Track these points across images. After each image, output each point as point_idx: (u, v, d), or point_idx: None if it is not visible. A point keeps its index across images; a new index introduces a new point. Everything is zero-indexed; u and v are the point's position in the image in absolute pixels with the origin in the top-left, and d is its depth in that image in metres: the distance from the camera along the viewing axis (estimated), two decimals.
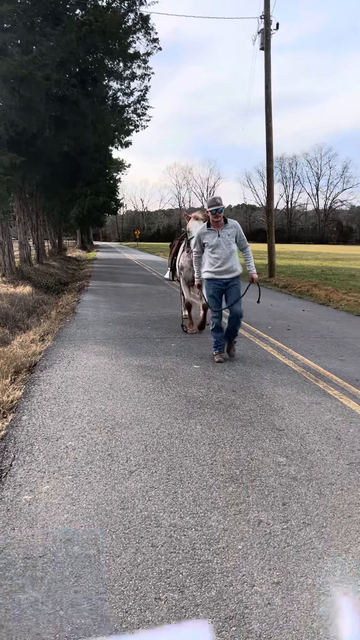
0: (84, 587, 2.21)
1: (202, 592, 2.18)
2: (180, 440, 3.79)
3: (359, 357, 6.57)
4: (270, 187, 18.81)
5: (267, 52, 16.95)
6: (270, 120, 17.38)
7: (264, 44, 16.79)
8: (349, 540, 2.58)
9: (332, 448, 3.71)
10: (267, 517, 2.77)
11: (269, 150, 17.80)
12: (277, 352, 6.77)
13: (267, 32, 16.70)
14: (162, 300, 11.98)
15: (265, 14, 16.66)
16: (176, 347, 6.90)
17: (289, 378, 5.56)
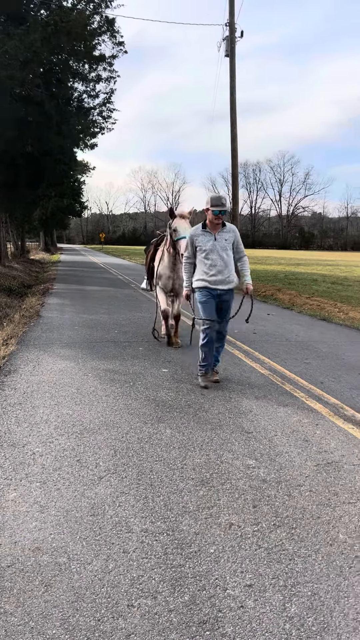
0: (54, 597, 2.16)
1: (176, 598, 2.17)
2: (150, 444, 3.77)
3: (323, 360, 6.70)
4: (235, 192, 19.02)
5: (232, 59, 17.16)
6: (235, 127, 17.59)
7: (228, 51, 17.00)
8: (318, 540, 2.62)
9: (299, 450, 3.76)
10: (238, 520, 2.79)
11: (234, 156, 18.00)
12: (245, 356, 6.83)
13: (232, 40, 16.91)
14: (129, 304, 11.92)
15: (230, 21, 16.88)
16: (144, 351, 6.88)
17: (257, 381, 5.62)
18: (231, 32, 16.92)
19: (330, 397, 5.09)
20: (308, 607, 2.13)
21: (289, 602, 2.16)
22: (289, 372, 6.02)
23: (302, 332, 8.75)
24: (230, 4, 17.01)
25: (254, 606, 2.13)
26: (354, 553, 2.52)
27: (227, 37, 17.12)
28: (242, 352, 7.02)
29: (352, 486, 3.22)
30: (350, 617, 2.08)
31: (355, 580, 2.31)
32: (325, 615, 2.09)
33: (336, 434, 4.11)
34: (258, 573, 2.35)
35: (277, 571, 2.36)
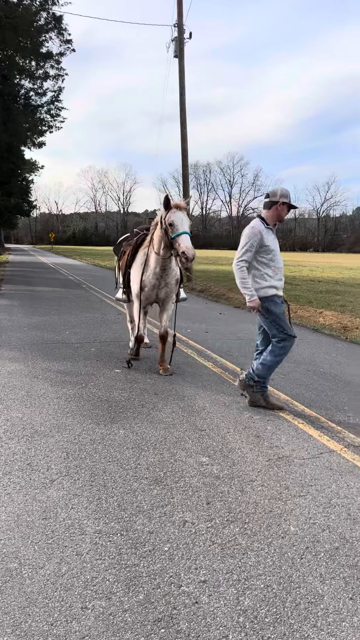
0: (5, 603, 2.11)
1: (130, 597, 2.16)
2: (103, 445, 3.73)
3: None
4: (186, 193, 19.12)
5: (181, 60, 17.25)
6: (185, 127, 17.68)
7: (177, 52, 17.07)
8: (270, 534, 2.67)
9: (251, 446, 3.82)
10: (192, 517, 2.80)
11: (184, 156, 18.10)
12: (197, 355, 6.88)
13: (180, 41, 17.01)
14: (80, 304, 11.77)
15: (179, 22, 16.97)
16: (96, 352, 6.80)
17: (209, 379, 5.67)
18: (180, 33, 17.01)
19: (281, 393, 5.20)
20: (261, 600, 2.17)
21: (242, 595, 2.19)
22: (239, 370, 6.10)
23: (252, 330, 8.86)
24: (179, 5, 17.10)
25: (208, 601, 2.15)
26: (305, 544, 2.59)
27: (176, 38, 17.20)
28: (195, 351, 7.07)
29: (302, 479, 3.30)
30: (302, 607, 2.13)
31: (306, 571, 2.37)
32: (277, 607, 2.13)
33: (286, 429, 4.20)
34: (212, 569, 2.37)
35: (231, 566, 2.39)
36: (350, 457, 3.68)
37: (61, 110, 19.53)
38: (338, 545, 2.59)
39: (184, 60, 17.57)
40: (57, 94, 18.85)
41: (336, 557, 2.49)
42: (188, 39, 17.59)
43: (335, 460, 3.61)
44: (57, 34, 18.58)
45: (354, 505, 2.99)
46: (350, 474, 3.41)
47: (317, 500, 3.04)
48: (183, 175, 18.94)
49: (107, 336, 7.95)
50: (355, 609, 2.13)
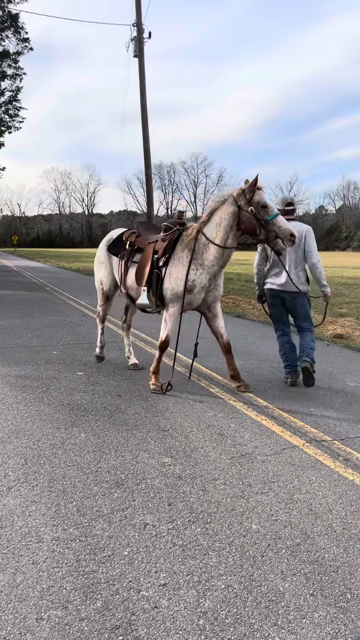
0: None
1: (87, 605, 2.09)
2: (63, 450, 3.64)
3: (238, 355, 6.81)
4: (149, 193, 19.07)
5: (140, 59, 17.18)
6: (147, 127, 17.62)
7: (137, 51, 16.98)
8: (232, 533, 2.64)
9: (215, 444, 3.79)
10: (153, 519, 2.75)
11: (146, 156, 18.03)
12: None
13: (140, 40, 16.93)
14: (42, 307, 11.56)
15: (138, 22, 16.90)
16: (58, 355, 6.68)
17: (174, 379, 5.61)
18: (139, 32, 16.94)
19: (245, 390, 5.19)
20: (222, 600, 2.13)
21: (203, 597, 2.15)
22: (204, 369, 6.09)
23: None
24: (137, 4, 17.03)
25: (168, 605, 2.10)
26: (266, 542, 2.57)
27: (135, 37, 17.11)
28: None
29: (264, 476, 3.29)
30: (263, 606, 2.11)
31: (267, 569, 2.35)
32: (238, 607, 2.10)
33: (250, 426, 4.20)
34: (172, 571, 2.32)
35: (192, 567, 2.35)
36: (313, 452, 3.70)
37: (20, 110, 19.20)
38: (299, 541, 2.58)
39: (143, 59, 17.50)
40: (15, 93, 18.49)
41: (297, 553, 2.48)
42: (148, 39, 17.54)
43: (298, 456, 3.62)
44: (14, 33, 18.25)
45: (315, 500, 2.99)
46: (312, 468, 3.42)
47: (279, 496, 3.03)
48: (146, 175, 18.88)
49: (70, 339, 7.82)
50: (315, 605, 2.12)
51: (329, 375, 5.92)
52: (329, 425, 4.24)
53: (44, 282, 19.07)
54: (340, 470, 3.39)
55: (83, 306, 11.78)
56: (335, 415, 4.51)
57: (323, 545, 2.55)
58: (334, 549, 2.52)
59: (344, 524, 2.75)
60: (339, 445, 3.84)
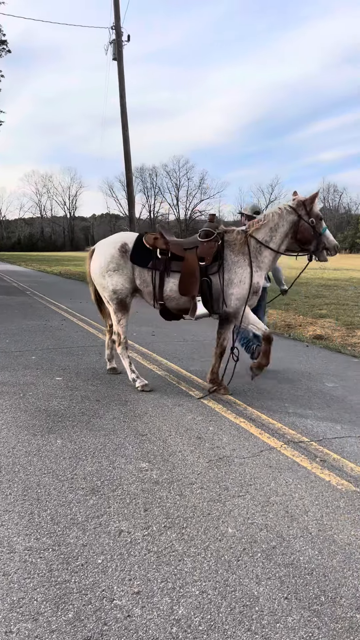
0: None
1: (59, 617, 2.05)
2: (38, 457, 3.59)
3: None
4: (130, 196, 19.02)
5: (120, 62, 17.15)
6: (127, 130, 17.59)
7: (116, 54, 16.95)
8: (207, 538, 2.62)
9: (192, 448, 3.77)
10: (129, 526, 2.72)
11: (127, 159, 17.99)
12: (142, 358, 6.79)
13: (119, 43, 16.91)
14: (22, 312, 11.43)
15: (116, 25, 16.87)
16: (37, 360, 6.60)
17: (153, 382, 5.59)
18: (118, 35, 16.91)
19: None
20: (195, 607, 2.11)
21: (176, 604, 2.13)
22: (185, 372, 6.07)
23: (199, 332, 8.89)
24: (116, 7, 17.00)
25: (141, 614, 2.07)
26: (242, 546, 2.55)
27: (114, 40, 17.08)
28: (140, 354, 6.98)
29: (241, 479, 3.28)
30: (237, 611, 2.09)
31: (242, 573, 2.34)
32: (212, 613, 2.08)
33: (228, 428, 4.19)
34: (147, 578, 2.29)
35: (166, 574, 2.32)
36: (290, 453, 3.70)
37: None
38: (275, 544, 2.57)
39: (123, 62, 17.48)
40: None
41: (273, 556, 2.47)
42: (127, 42, 17.52)
43: (275, 458, 3.61)
44: None
45: (291, 502, 2.99)
46: (289, 470, 3.42)
47: (256, 499, 3.02)
48: (127, 178, 18.83)
49: (50, 343, 7.73)
50: (290, 609, 2.11)
51: (308, 376, 5.95)
52: (307, 427, 4.25)
53: (25, 286, 18.89)
54: (317, 472, 3.40)
55: (64, 310, 11.68)
56: (313, 416, 4.53)
57: (298, 547, 2.54)
58: (309, 551, 2.51)
59: (320, 525, 2.75)
60: (316, 446, 3.84)
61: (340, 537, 2.64)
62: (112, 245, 5.40)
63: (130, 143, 18.07)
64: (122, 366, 6.12)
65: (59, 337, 8.32)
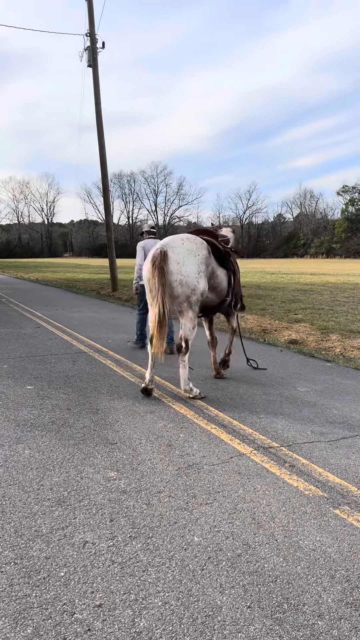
0: None
1: (17, 633, 2.00)
2: (5, 468, 3.52)
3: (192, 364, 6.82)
4: (107, 202, 18.96)
5: (94, 69, 17.13)
6: (102, 137, 17.55)
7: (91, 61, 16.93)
8: (173, 547, 2.60)
9: (162, 456, 3.75)
10: (93, 537, 2.68)
11: (103, 166, 17.94)
12: (116, 365, 6.75)
13: (93, 50, 16.89)
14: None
15: (91, 31, 16.86)
16: (9, 369, 6.50)
17: (125, 390, 5.56)
18: (92, 42, 16.89)
19: (196, 399, 5.17)
20: (157, 619, 2.08)
21: (138, 616, 2.10)
22: (158, 378, 6.05)
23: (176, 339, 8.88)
24: (90, 14, 17.00)
25: (101, 627, 2.04)
26: (207, 554, 2.54)
27: (89, 47, 17.06)
28: (114, 362, 6.94)
29: (210, 486, 3.26)
30: (199, 622, 2.07)
31: (206, 583, 2.32)
32: (174, 624, 2.06)
33: (199, 435, 4.18)
34: (109, 590, 2.26)
35: (129, 585, 2.29)
36: (260, 459, 3.70)
37: None
38: (240, 552, 2.56)
39: (97, 69, 17.46)
40: None
41: (237, 564, 2.46)
42: (101, 49, 17.50)
43: (244, 464, 3.61)
44: None
45: (259, 509, 2.99)
46: (257, 476, 3.42)
47: (223, 507, 3.01)
48: (103, 184, 18.76)
49: (22, 351, 7.63)
50: (252, 618, 2.09)
51: (280, 381, 5.98)
52: (277, 432, 4.26)
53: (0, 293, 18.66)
54: (285, 477, 3.41)
55: (38, 317, 11.56)
56: (284, 421, 4.54)
57: (263, 555, 2.54)
58: (274, 558, 2.51)
59: (286, 532, 2.75)
60: (286, 451, 3.86)
61: (305, 543, 2.64)
62: (201, 245, 5.33)
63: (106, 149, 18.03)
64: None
65: (32, 344, 8.22)
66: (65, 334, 9.24)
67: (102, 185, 18.79)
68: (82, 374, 6.27)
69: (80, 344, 8.25)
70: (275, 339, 8.82)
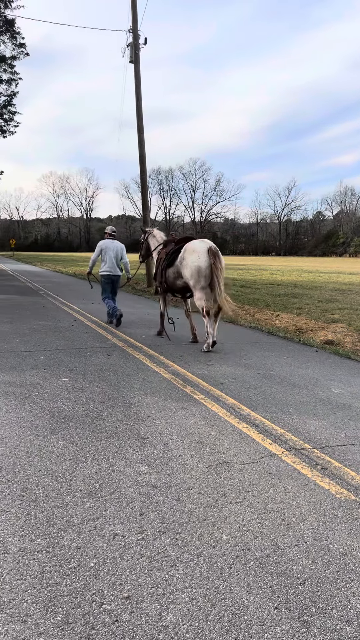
0: None
1: (47, 619, 2.06)
2: (39, 458, 3.61)
3: (225, 362, 6.82)
4: (145, 198, 19.06)
5: (136, 65, 17.22)
6: (142, 133, 17.64)
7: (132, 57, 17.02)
8: (201, 544, 2.61)
9: (193, 452, 3.76)
10: (123, 530, 2.72)
11: (142, 162, 18.04)
12: (149, 360, 6.80)
13: (135, 46, 16.98)
14: (35, 312, 11.53)
15: (134, 27, 16.94)
16: (45, 360, 6.64)
17: (158, 385, 5.60)
18: (135, 38, 16.98)
19: (228, 397, 5.17)
20: (184, 614, 2.10)
21: (165, 610, 2.12)
22: (191, 375, 6.06)
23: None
24: (133, 11, 17.08)
25: (129, 619, 2.07)
26: (235, 553, 2.54)
27: (131, 43, 17.16)
28: (148, 357, 6.99)
29: (240, 485, 3.26)
30: (225, 620, 2.08)
31: (234, 581, 2.32)
32: (200, 621, 2.07)
33: (230, 433, 4.17)
34: (137, 583, 2.29)
35: (157, 579, 2.32)
36: (291, 460, 3.67)
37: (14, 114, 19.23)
38: (269, 552, 2.55)
39: (139, 65, 17.55)
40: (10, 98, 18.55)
41: (266, 564, 2.45)
42: (143, 45, 17.59)
43: (275, 465, 3.59)
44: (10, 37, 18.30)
45: (289, 510, 2.97)
46: (288, 477, 3.39)
47: (252, 506, 3.00)
48: (141, 180, 18.88)
49: (59, 344, 7.78)
50: (279, 619, 2.09)
51: (314, 382, 5.91)
52: (310, 433, 4.22)
53: (39, 286, 19.05)
54: (317, 480, 3.37)
55: (75, 311, 11.75)
56: (317, 422, 4.49)
57: (292, 556, 2.52)
58: (303, 560, 2.49)
59: (315, 534, 2.72)
60: (318, 453, 3.81)
61: (335, 547, 2.61)
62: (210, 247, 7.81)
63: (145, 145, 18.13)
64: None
65: (68, 337, 8.37)
66: (101, 328, 9.36)
67: (141, 181, 18.91)
68: (116, 367, 6.34)
69: (115, 338, 8.35)
70: (310, 339, 8.70)
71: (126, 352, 7.34)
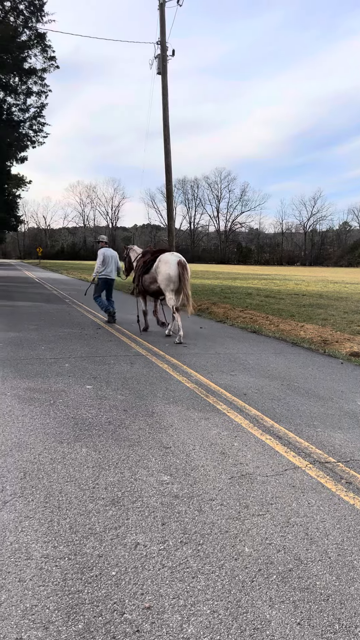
0: None
1: (69, 627, 2.07)
2: (62, 465, 3.64)
3: (249, 372, 6.79)
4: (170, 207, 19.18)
5: (164, 76, 17.41)
6: (169, 143, 17.79)
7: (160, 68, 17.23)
8: (223, 556, 2.59)
9: (215, 463, 3.75)
10: (145, 539, 2.72)
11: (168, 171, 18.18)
12: (172, 370, 6.81)
13: (163, 58, 17.19)
14: (61, 319, 11.67)
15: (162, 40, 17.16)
16: (70, 368, 6.71)
17: (181, 395, 5.60)
18: (162, 50, 17.20)
19: (252, 408, 5.14)
20: (205, 627, 2.09)
21: (186, 622, 2.11)
22: (214, 385, 6.05)
23: (231, 345, 8.86)
24: (161, 23, 17.31)
25: (150, 629, 2.06)
26: (258, 566, 2.51)
27: (159, 55, 17.38)
28: (171, 366, 7.00)
29: (263, 497, 3.23)
30: (247, 634, 2.06)
31: (256, 595, 2.30)
32: (222, 634, 2.05)
33: (253, 445, 4.14)
34: (159, 594, 2.28)
35: (179, 590, 2.31)
36: (315, 473, 3.62)
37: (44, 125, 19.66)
38: (292, 566, 2.52)
39: (167, 77, 17.75)
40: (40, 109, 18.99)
41: (288, 579, 2.42)
42: (171, 56, 17.81)
43: (299, 478, 3.55)
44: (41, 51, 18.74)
45: (312, 525, 2.92)
46: (312, 491, 3.35)
47: (275, 519, 2.97)
48: (167, 190, 19.02)
49: (83, 352, 7.86)
50: (301, 635, 2.06)
51: (340, 394, 5.83)
52: (335, 447, 4.16)
53: (64, 294, 19.28)
54: (341, 494, 3.32)
55: (99, 319, 11.86)
56: (342, 436, 4.43)
57: (316, 571, 2.48)
58: (327, 576, 2.45)
59: (340, 550, 2.68)
60: (342, 467, 3.76)
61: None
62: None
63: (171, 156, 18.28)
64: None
65: (92, 345, 8.45)
66: (125, 336, 9.42)
67: (166, 190, 19.05)
68: (140, 376, 6.37)
69: (138, 347, 8.39)
70: (336, 351, 8.60)
71: (149, 360, 7.37)
